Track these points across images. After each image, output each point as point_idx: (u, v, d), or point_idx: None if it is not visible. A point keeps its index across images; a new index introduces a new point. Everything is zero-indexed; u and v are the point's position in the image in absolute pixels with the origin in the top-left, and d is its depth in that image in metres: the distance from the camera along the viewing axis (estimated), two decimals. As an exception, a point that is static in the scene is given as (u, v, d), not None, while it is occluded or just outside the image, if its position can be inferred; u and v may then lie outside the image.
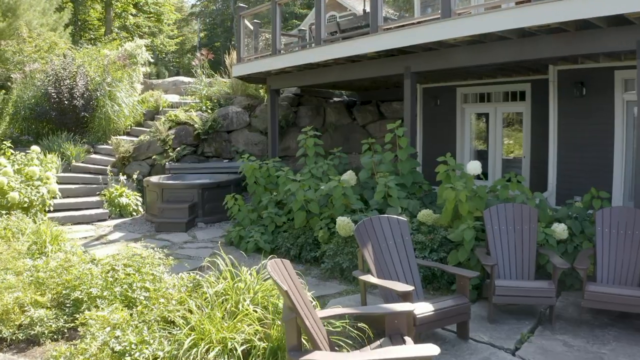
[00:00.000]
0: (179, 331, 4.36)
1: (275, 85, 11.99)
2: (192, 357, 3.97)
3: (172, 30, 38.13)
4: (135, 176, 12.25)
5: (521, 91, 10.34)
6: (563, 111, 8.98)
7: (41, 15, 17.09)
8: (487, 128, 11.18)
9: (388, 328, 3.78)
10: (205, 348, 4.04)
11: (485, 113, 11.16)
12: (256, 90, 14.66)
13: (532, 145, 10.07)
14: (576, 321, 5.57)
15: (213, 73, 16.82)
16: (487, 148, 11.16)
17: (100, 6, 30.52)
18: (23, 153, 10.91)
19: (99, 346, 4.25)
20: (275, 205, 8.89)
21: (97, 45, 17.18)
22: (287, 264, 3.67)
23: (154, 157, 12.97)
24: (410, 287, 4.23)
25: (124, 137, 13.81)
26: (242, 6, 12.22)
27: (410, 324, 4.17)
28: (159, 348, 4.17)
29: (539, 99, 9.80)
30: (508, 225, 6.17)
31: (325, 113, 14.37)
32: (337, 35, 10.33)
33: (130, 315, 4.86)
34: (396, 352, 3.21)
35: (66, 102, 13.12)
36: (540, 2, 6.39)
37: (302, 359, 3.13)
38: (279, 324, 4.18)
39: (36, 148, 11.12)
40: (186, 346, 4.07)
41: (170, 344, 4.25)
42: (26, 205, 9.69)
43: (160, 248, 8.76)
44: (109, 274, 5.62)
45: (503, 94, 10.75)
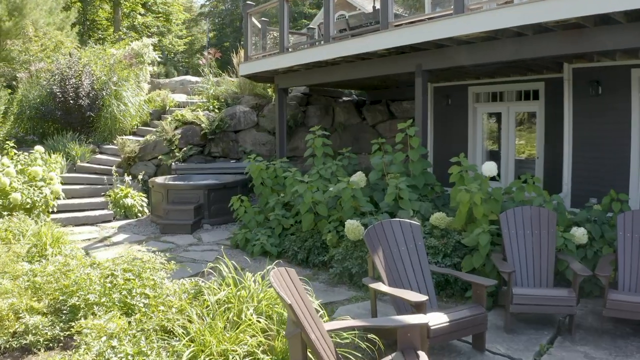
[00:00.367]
0: (178, 342, 4.12)
1: (283, 84, 11.74)
2: (191, 371, 3.73)
3: (181, 30, 38.01)
4: (140, 177, 12.05)
5: (534, 90, 10.03)
6: (578, 110, 8.68)
7: (48, 14, 16.97)
8: (499, 128, 10.90)
9: (400, 342, 3.51)
10: (205, 361, 3.80)
11: (497, 113, 10.87)
12: (264, 89, 14.42)
13: (546, 145, 9.77)
14: (597, 331, 5.29)
15: (221, 72, 16.61)
16: (499, 148, 10.87)
17: (109, 6, 30.43)
18: (26, 153, 10.72)
19: (94, 357, 4.02)
20: (282, 207, 8.64)
21: (105, 44, 16.98)
22: (292, 273, 3.42)
23: (160, 158, 12.76)
24: (424, 297, 3.97)
25: (130, 137, 13.62)
26: (250, 3, 11.96)
27: (424, 336, 3.90)
28: (157, 360, 3.94)
29: (553, 98, 9.52)
30: (525, 229, 5.89)
31: (334, 113, 14.11)
32: (347, 32, 10.06)
33: (128, 323, 4.63)
34: (410, 370, 2.95)
35: (71, 102, 12.95)
36: (558, -4, 6.10)
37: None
38: (284, 336, 3.93)
39: (40, 148, 10.94)
40: (185, 359, 3.83)
41: (168, 356, 4.01)
42: (28, 206, 9.50)
43: (163, 251, 8.61)
44: (108, 280, 5.39)
45: (516, 93, 10.45)
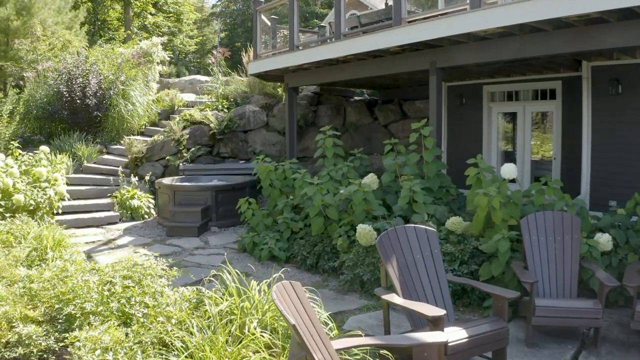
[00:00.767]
0: (177, 357, 3.83)
1: (293, 83, 11.44)
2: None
3: (192, 30, 37.83)
4: (147, 177, 11.82)
5: (551, 89, 9.71)
6: (597, 109, 8.34)
7: (56, 13, 16.82)
8: (514, 128, 10.61)
9: (416, 361, 3.21)
10: (204, 379, 3.51)
11: (513, 112, 10.56)
12: (274, 89, 14.14)
13: (563, 146, 9.45)
14: (624, 344, 4.96)
15: (230, 72, 16.34)
16: (514, 149, 10.58)
17: (119, 6, 30.31)
18: (31, 153, 10.51)
19: (87, 372, 3.74)
20: (291, 209, 8.33)
21: (113, 44, 16.78)
22: (297, 287, 3.12)
23: (168, 158, 12.52)
24: (441, 312, 3.65)
25: (138, 137, 13.39)
26: (259, 1, 11.67)
27: (441, 354, 3.58)
28: (153, 377, 3.65)
29: (571, 97, 9.19)
30: (548, 235, 5.54)
31: (345, 112, 13.80)
32: (358, 29, 9.74)
33: (125, 335, 4.35)
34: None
35: (78, 101, 12.74)
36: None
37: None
38: (288, 358, 3.63)
39: (45, 148, 10.72)
40: (182, 377, 3.55)
41: (165, 373, 3.72)
42: (32, 208, 9.27)
43: (168, 255, 8.36)
44: (106, 287, 5.11)
45: (532, 92, 10.14)
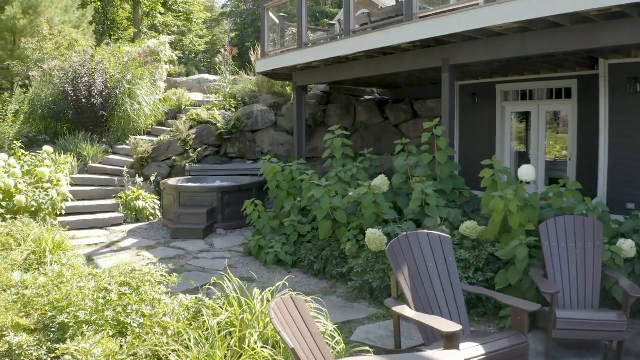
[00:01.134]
0: (171, 374, 3.57)
1: (301, 81, 11.16)
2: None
3: (202, 30, 37.66)
4: (153, 178, 11.59)
5: (566, 88, 9.40)
6: (615, 109, 8.01)
7: (63, 12, 16.65)
8: (527, 128, 10.37)
9: (430, 382, 2.92)
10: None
11: (527, 112, 10.29)
12: (283, 88, 13.87)
13: (579, 146, 9.14)
14: (648, 357, 4.64)
15: (238, 70, 16.09)
16: (528, 149, 10.31)
17: (129, 5, 30.18)
18: (34, 153, 10.30)
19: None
20: (298, 212, 8.05)
21: (119, 42, 16.59)
22: (299, 303, 2.83)
23: (174, 158, 12.28)
24: (457, 327, 3.35)
25: (144, 137, 13.16)
26: (267, -3, 11.41)
27: (457, 373, 3.28)
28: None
29: (587, 96, 8.89)
30: (569, 242, 5.22)
31: (355, 112, 13.50)
32: (368, 25, 9.44)
33: (120, 347, 4.09)
34: None
35: (84, 101, 12.54)
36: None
37: None
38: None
39: (48, 148, 10.51)
40: (176, 396, 3.28)
41: (158, 391, 3.46)
42: (34, 209, 9.06)
43: (172, 258, 8.10)
44: (102, 294, 4.86)
45: (547, 91, 9.82)
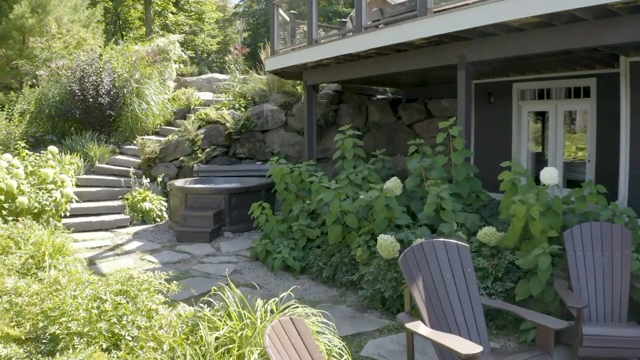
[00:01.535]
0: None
1: (311, 80, 10.84)
2: None
3: (214, 29, 37.49)
4: (159, 179, 11.33)
5: (585, 87, 9.08)
6: (637, 108, 7.65)
7: (72, 11, 16.50)
8: (543, 128, 10.08)
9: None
10: None
11: (544, 111, 9.98)
12: (293, 87, 13.57)
13: (598, 147, 8.82)
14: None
15: (248, 70, 15.80)
16: (543, 150, 10.03)
17: (141, 5, 30.07)
18: (37, 154, 10.07)
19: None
20: (307, 215, 7.73)
21: (127, 41, 16.38)
22: (300, 325, 2.52)
23: (182, 159, 12.02)
24: (477, 348, 3.01)
25: (153, 137, 12.93)
26: (277, -6, 11.11)
27: (477, 399, 2.95)
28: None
29: (607, 95, 8.56)
30: (595, 250, 4.86)
31: (367, 111, 13.16)
32: (381, 21, 9.10)
33: (112, 362, 3.81)
34: None
35: (91, 100, 12.33)
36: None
37: None
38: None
39: (53, 149, 10.28)
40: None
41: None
42: (37, 210, 8.82)
43: (176, 263, 7.81)
44: (96, 303, 4.57)
45: (565, 90, 9.49)
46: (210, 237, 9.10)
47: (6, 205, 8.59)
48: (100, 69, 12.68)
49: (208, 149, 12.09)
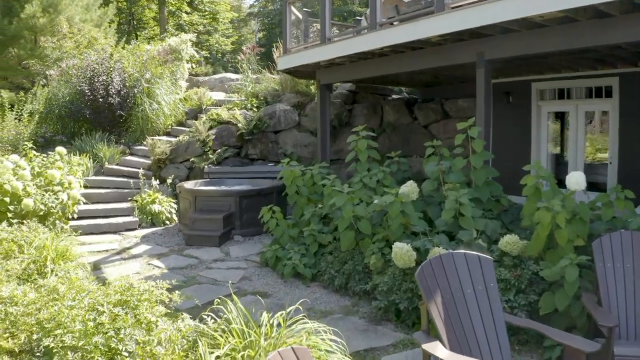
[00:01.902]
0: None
1: (325, 79, 10.53)
2: None
3: (228, 29, 37.33)
4: (169, 180, 11.09)
5: (607, 86, 8.74)
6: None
7: (84, 10, 16.34)
8: (562, 128, 9.80)
9: None
10: None
11: (563, 112, 9.69)
12: (307, 86, 13.27)
13: (621, 148, 8.49)
14: None
15: (261, 69, 15.53)
16: (562, 151, 9.76)
17: (155, 5, 30.00)
18: (45, 155, 9.87)
19: None
20: (319, 220, 7.43)
21: (138, 41, 16.20)
22: (304, 356, 2.22)
23: (192, 160, 11.78)
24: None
25: (163, 138, 12.71)
26: (289, -9, 10.82)
27: None
28: None
29: (630, 95, 8.27)
30: (625, 262, 4.49)
31: (382, 112, 12.83)
32: (396, 17, 8.77)
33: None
34: None
35: (101, 100, 12.15)
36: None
37: None
38: None
39: (61, 149, 10.09)
40: None
41: None
42: (42, 213, 8.61)
43: (183, 268, 7.55)
44: (93, 315, 4.31)
45: (585, 90, 9.15)
46: (219, 241, 8.84)
47: (11, 207, 8.40)
48: (110, 69, 12.50)
49: (219, 150, 11.84)
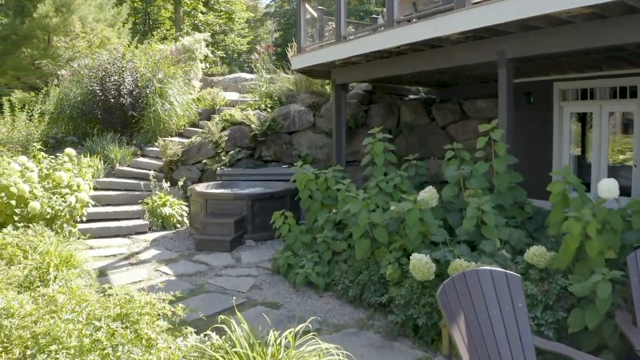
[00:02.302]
0: None
1: (340, 79, 10.22)
2: None
3: (244, 29, 37.17)
4: (180, 183, 10.85)
5: (632, 86, 8.41)
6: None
7: (98, 10, 16.22)
8: (583, 129, 9.52)
9: None
10: None
11: (584, 113, 9.37)
12: (322, 86, 12.97)
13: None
14: None
15: (276, 69, 15.25)
16: (584, 153, 9.48)
17: (171, 5, 29.91)
18: (53, 156, 9.67)
19: None
20: (333, 226, 7.10)
21: (154, 40, 16.01)
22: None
23: (205, 162, 11.54)
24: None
25: (176, 139, 12.50)
26: (304, -11, 10.52)
27: None
28: None
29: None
30: (663, 277, 4.14)
31: (399, 112, 12.48)
32: (414, 15, 8.43)
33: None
34: None
35: (112, 100, 11.96)
36: None
37: None
38: None
39: (70, 151, 9.89)
40: None
41: None
42: (49, 216, 8.40)
43: (191, 275, 7.27)
44: (90, 330, 4.05)
45: (610, 90, 8.80)
46: (230, 246, 8.56)
47: (18, 210, 8.20)
48: (122, 69, 12.30)
49: (232, 152, 11.58)
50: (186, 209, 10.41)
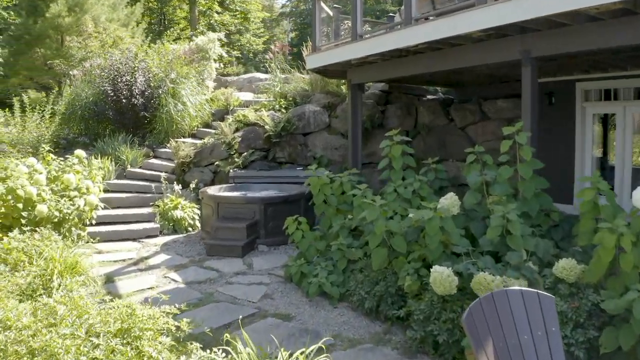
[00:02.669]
0: None
1: (356, 79, 9.91)
2: None
3: (259, 29, 36.98)
4: (192, 185, 10.62)
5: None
6: None
7: (111, 10, 16.07)
8: (605, 131, 9.24)
9: None
10: None
11: (606, 114, 9.04)
12: (337, 86, 12.67)
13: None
14: None
15: (290, 69, 14.97)
16: (606, 155, 9.19)
17: (187, 5, 29.80)
18: (62, 158, 9.47)
19: None
20: (349, 233, 6.80)
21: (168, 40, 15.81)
22: None
23: (217, 163, 11.29)
24: None
25: (189, 140, 12.28)
26: (319, -14, 10.22)
27: None
28: None
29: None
30: None
31: (417, 113, 12.13)
32: (432, 12, 8.09)
33: None
34: None
35: (124, 101, 11.76)
36: None
37: None
38: None
39: (80, 152, 9.70)
40: None
41: None
42: (57, 219, 8.20)
43: (201, 282, 7.01)
44: (87, 348, 3.80)
45: (634, 90, 8.40)
46: (242, 252, 8.29)
47: (25, 213, 8.02)
48: (134, 69, 12.10)
49: (245, 153, 11.33)
50: (198, 212, 10.18)
